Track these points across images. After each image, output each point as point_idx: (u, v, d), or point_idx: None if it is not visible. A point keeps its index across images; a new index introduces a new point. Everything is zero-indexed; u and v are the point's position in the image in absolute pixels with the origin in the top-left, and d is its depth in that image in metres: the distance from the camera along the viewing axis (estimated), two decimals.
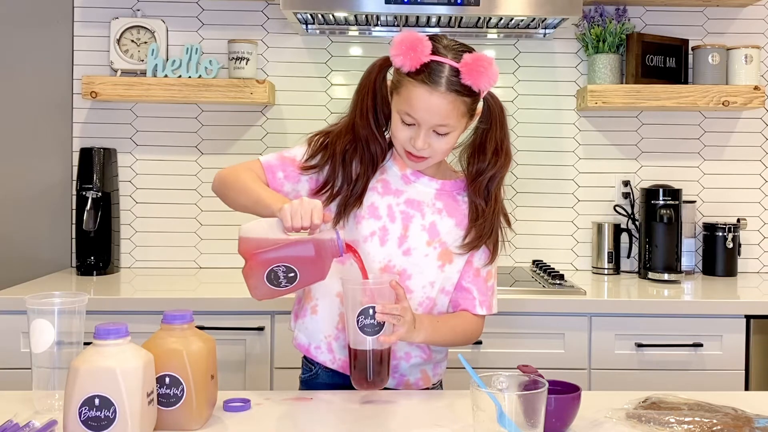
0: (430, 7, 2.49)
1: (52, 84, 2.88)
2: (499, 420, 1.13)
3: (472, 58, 1.46)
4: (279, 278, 1.43)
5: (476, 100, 1.52)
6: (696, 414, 1.34)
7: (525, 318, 2.36)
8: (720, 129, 2.95)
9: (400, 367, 1.62)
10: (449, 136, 1.52)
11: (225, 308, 2.33)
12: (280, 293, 1.44)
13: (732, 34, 2.92)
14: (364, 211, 1.59)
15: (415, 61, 1.45)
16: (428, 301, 1.61)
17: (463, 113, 1.50)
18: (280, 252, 1.42)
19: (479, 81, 1.46)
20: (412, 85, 1.47)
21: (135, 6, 2.88)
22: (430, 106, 1.47)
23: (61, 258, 2.89)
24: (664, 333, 2.36)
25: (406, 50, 1.46)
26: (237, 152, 2.89)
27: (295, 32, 2.88)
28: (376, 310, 1.41)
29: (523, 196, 2.93)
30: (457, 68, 1.46)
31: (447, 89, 1.46)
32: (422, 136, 1.50)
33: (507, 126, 1.58)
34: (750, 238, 2.94)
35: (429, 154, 1.53)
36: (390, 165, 1.63)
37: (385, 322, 1.43)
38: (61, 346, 1.36)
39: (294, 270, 1.42)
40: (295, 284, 1.44)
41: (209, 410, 1.36)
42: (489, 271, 1.65)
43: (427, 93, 1.46)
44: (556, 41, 2.92)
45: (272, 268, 1.41)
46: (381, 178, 1.62)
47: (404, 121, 1.51)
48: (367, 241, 1.58)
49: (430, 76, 1.46)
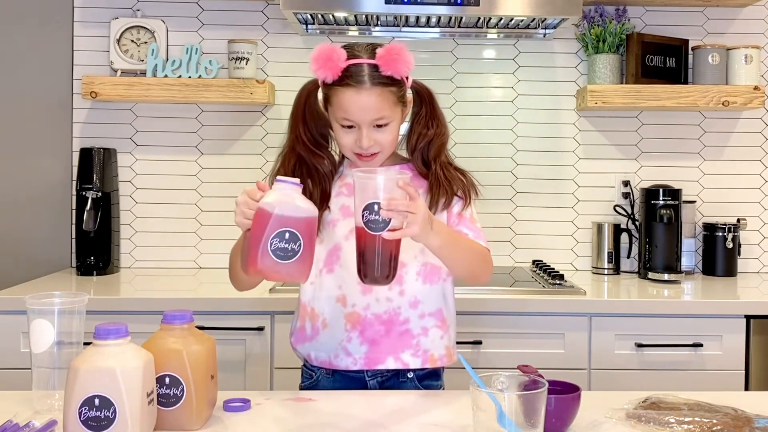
0: (430, 7, 2.49)
1: (52, 84, 2.88)
2: (499, 420, 1.13)
3: (385, 50, 1.54)
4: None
5: (402, 87, 1.59)
6: (696, 414, 1.34)
7: (525, 318, 2.36)
8: (720, 129, 2.95)
9: (422, 345, 1.62)
10: (389, 126, 1.58)
11: (225, 308, 2.33)
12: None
13: (732, 34, 2.92)
14: (337, 215, 1.65)
15: (334, 69, 1.54)
16: (426, 267, 1.64)
17: (394, 102, 1.57)
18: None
19: (398, 68, 1.54)
20: (340, 92, 1.55)
21: (135, 6, 2.88)
22: (362, 104, 1.54)
23: (61, 258, 2.89)
24: (664, 333, 2.36)
25: (323, 62, 1.54)
26: (237, 152, 2.89)
27: (295, 32, 2.88)
28: (381, 206, 1.35)
29: (523, 196, 2.94)
30: (375, 64, 1.54)
31: (372, 84, 1.54)
32: (365, 134, 1.56)
33: (437, 104, 1.68)
34: (750, 238, 2.94)
35: (378, 149, 1.59)
36: (347, 171, 1.67)
37: (391, 219, 1.36)
38: (61, 346, 1.36)
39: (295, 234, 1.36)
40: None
41: (209, 410, 1.36)
42: (472, 216, 1.68)
43: (355, 93, 1.54)
44: (556, 41, 2.92)
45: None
46: (344, 183, 1.67)
47: (344, 126, 1.58)
48: (348, 239, 1.61)
49: (353, 77, 1.54)
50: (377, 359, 1.61)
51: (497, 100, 2.94)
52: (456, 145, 2.91)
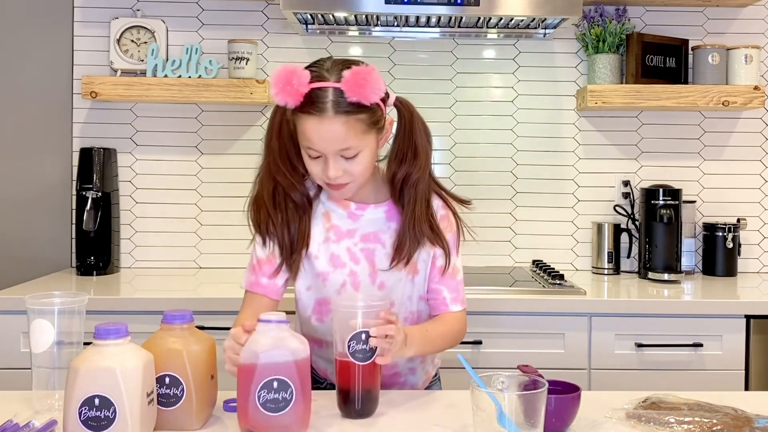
0: (430, 7, 2.49)
1: (52, 84, 2.88)
2: (499, 420, 1.13)
3: (351, 74, 1.39)
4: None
5: (375, 112, 1.45)
6: (696, 414, 1.34)
7: (525, 318, 2.36)
8: (720, 129, 2.95)
9: (408, 382, 1.63)
10: (360, 156, 1.45)
11: (225, 308, 2.33)
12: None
13: (732, 34, 2.92)
14: (328, 266, 1.56)
15: (294, 95, 1.40)
16: (412, 315, 1.62)
17: (363, 131, 1.43)
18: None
19: (365, 93, 1.39)
20: (303, 120, 1.43)
21: (135, 6, 2.88)
22: (324, 134, 1.41)
23: (61, 258, 2.89)
24: (664, 333, 2.36)
25: (282, 87, 1.40)
26: (237, 152, 2.89)
27: (295, 32, 2.88)
28: (370, 334, 1.32)
29: (523, 196, 2.94)
30: (340, 89, 1.40)
31: (335, 113, 1.40)
32: (331, 165, 1.44)
33: (418, 129, 1.52)
34: (750, 238, 2.94)
35: (348, 179, 1.48)
36: (333, 208, 1.58)
37: (377, 346, 1.34)
38: (61, 346, 1.37)
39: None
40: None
41: (209, 410, 1.36)
42: (454, 267, 1.61)
43: (317, 122, 1.41)
44: (556, 41, 2.92)
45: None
46: (329, 226, 1.57)
47: (310, 156, 1.47)
48: (340, 292, 1.56)
49: (314, 105, 1.40)
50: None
51: (497, 100, 2.94)
52: (456, 145, 2.92)
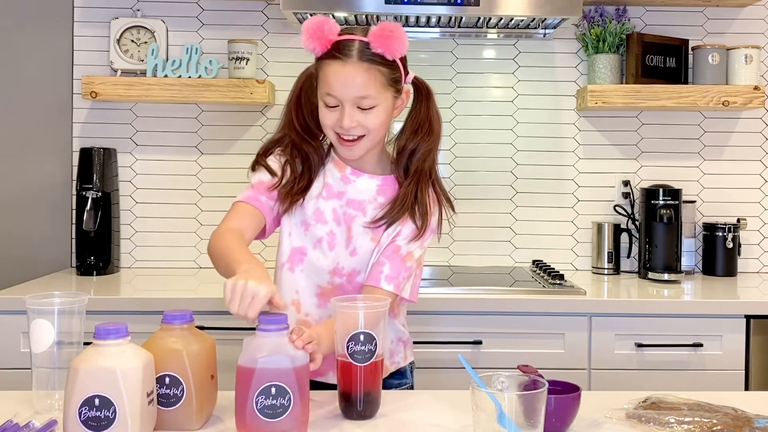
0: (430, 7, 2.49)
1: (52, 84, 2.88)
2: (499, 420, 1.13)
3: (379, 28, 1.49)
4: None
5: (395, 71, 1.52)
6: (696, 414, 1.34)
7: (525, 318, 2.36)
8: (720, 129, 2.95)
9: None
10: (376, 110, 1.51)
11: (225, 308, 2.32)
12: None
13: (732, 34, 2.92)
14: (311, 218, 1.60)
15: (324, 41, 1.49)
16: None
17: (383, 84, 1.51)
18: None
19: (389, 47, 1.48)
20: (327, 65, 1.50)
21: (135, 6, 2.88)
22: (346, 77, 1.48)
23: (61, 258, 2.89)
24: (664, 333, 2.36)
25: (313, 33, 1.50)
26: (237, 152, 2.89)
27: (295, 32, 2.88)
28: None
29: (523, 196, 2.93)
30: (366, 41, 1.49)
31: (359, 59, 1.48)
32: (347, 113, 1.50)
33: (434, 106, 1.61)
34: (750, 238, 2.94)
35: (361, 131, 1.53)
36: (330, 168, 1.63)
37: (377, 348, 1.35)
38: (61, 346, 1.36)
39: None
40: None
41: (209, 410, 1.36)
42: (410, 252, 1.59)
43: (340, 66, 1.48)
44: (556, 41, 2.92)
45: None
46: (325, 183, 1.63)
47: (327, 104, 1.52)
48: (316, 246, 1.60)
49: (341, 50, 1.49)
50: (317, 371, 1.44)
51: (497, 100, 2.94)
52: (456, 145, 2.92)
